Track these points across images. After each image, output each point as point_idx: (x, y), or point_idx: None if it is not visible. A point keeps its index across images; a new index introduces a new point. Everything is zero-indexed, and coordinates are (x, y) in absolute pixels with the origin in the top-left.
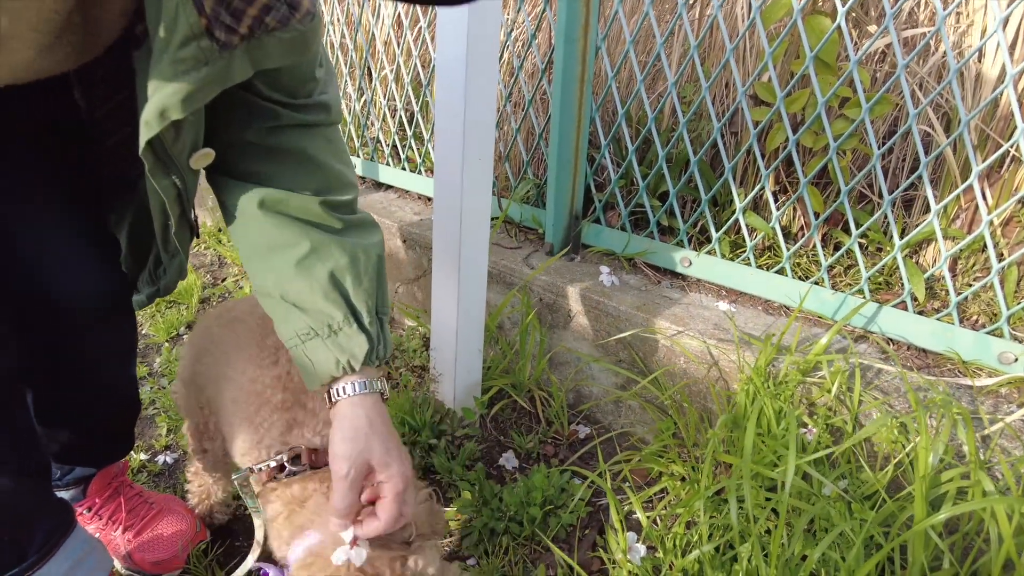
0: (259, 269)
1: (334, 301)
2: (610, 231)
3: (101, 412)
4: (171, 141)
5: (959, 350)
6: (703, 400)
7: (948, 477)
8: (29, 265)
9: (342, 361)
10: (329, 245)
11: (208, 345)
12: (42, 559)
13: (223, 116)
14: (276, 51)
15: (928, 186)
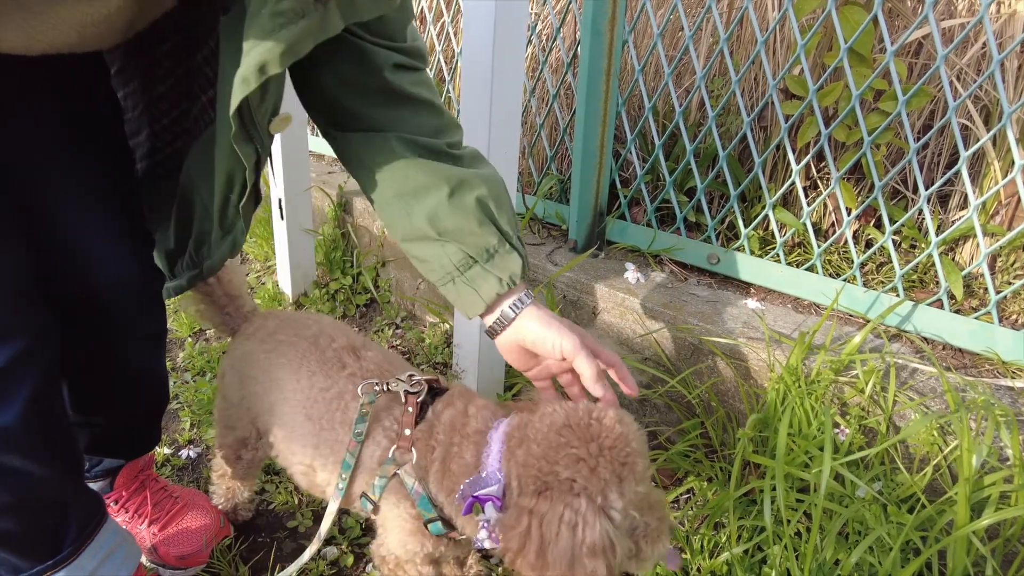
0: (408, 212)
1: (487, 227)
2: (635, 227)
3: (131, 403)
4: (256, 104)
5: (998, 350)
6: (731, 400)
7: (991, 481)
8: (66, 256)
9: (504, 279)
10: (468, 177)
11: (255, 372)
12: (76, 551)
13: (338, 66)
14: (364, 3)
15: (967, 180)
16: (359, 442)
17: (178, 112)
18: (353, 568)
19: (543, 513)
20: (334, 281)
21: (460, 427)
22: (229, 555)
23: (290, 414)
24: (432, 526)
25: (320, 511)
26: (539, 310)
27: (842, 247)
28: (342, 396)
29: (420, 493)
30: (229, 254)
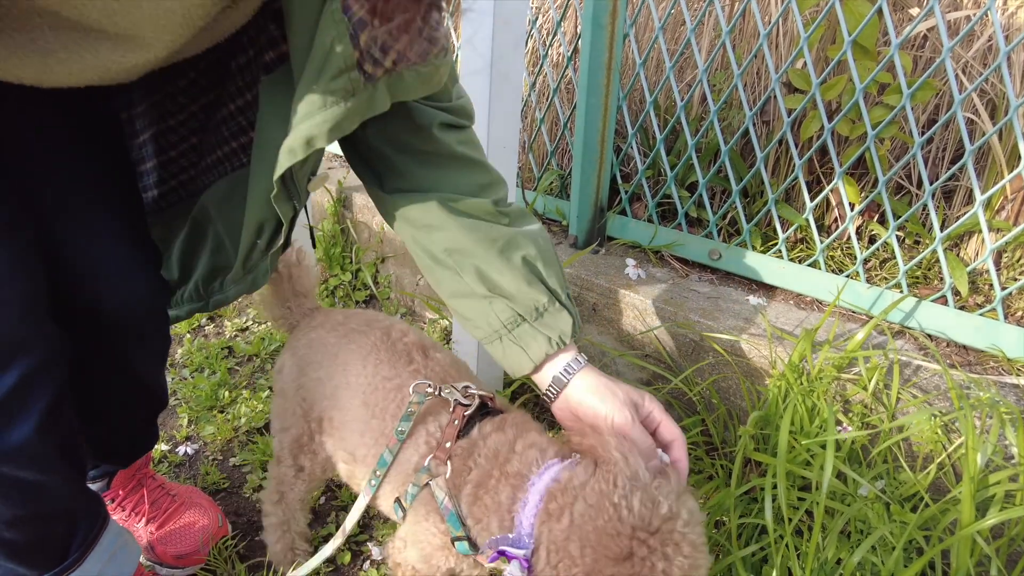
0: (458, 270)
1: (535, 286)
2: (636, 223)
3: (132, 412)
4: (298, 168)
5: (1004, 347)
6: (732, 397)
7: (996, 480)
8: (74, 272)
9: (553, 338)
10: (515, 236)
11: (321, 358)
12: (82, 556)
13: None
14: (413, 84)
15: (973, 174)
16: (400, 440)
17: (187, 146)
18: (350, 566)
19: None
20: (333, 277)
21: (503, 461)
22: (226, 554)
23: (349, 399)
24: (459, 545)
25: (318, 509)
26: (593, 377)
27: (845, 243)
28: (401, 389)
29: (450, 509)
30: (247, 291)
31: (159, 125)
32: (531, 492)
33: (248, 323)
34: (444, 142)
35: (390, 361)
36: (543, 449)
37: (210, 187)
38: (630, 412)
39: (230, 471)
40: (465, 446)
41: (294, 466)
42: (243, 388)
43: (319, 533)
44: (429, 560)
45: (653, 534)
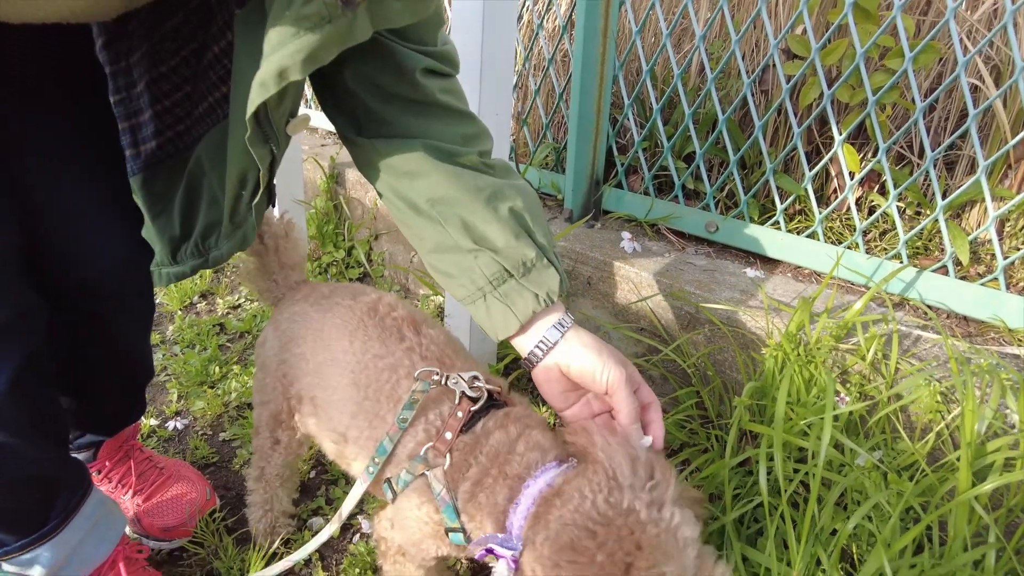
0: (443, 220)
1: (523, 239)
2: (632, 196)
3: (116, 380)
4: (274, 106)
5: (1005, 317)
6: (728, 370)
7: (995, 447)
8: (51, 237)
9: (541, 296)
10: (502, 186)
11: (304, 332)
12: (62, 523)
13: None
14: (397, 10)
15: (976, 140)
16: (401, 428)
17: (181, 95)
18: (340, 539)
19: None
20: (326, 255)
21: (503, 462)
22: (214, 526)
23: (336, 377)
24: (453, 536)
25: (306, 483)
26: (586, 335)
27: (844, 214)
28: (395, 369)
29: (447, 502)
30: (239, 247)
31: (152, 72)
32: (524, 495)
33: (240, 300)
34: (427, 89)
35: (380, 338)
36: (544, 450)
37: (203, 138)
38: (623, 370)
39: (220, 445)
40: (468, 441)
41: (271, 438)
42: (234, 364)
43: (308, 506)
44: (419, 545)
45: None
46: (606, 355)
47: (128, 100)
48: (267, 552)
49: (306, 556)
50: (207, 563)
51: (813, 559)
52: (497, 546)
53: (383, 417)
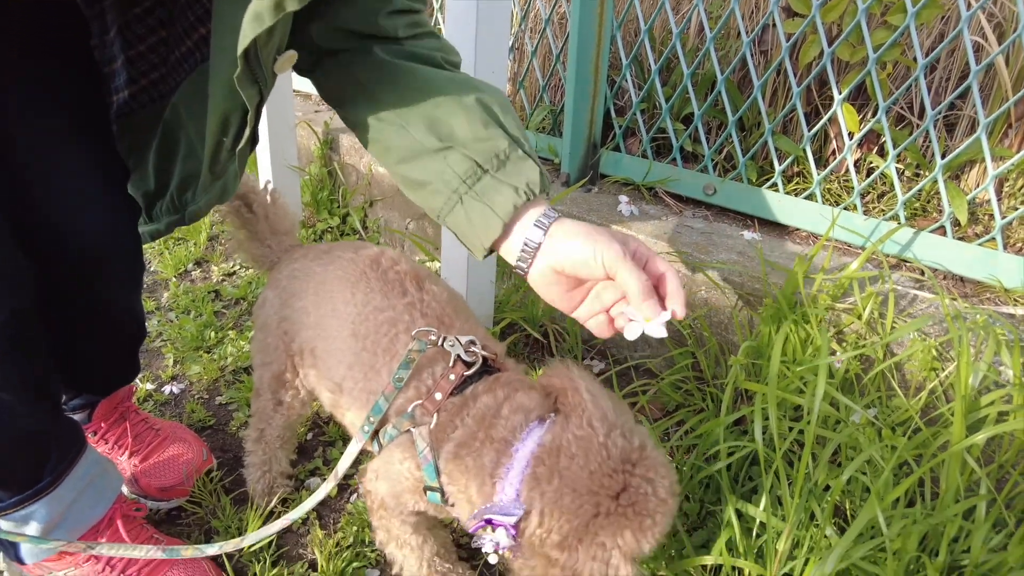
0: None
1: (493, 130)
2: (630, 159)
3: (107, 341)
4: (264, 42)
5: (1001, 277)
6: (724, 332)
7: (988, 400)
8: (37, 196)
9: (521, 187)
10: (467, 79)
11: (306, 287)
12: (56, 481)
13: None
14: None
15: (977, 97)
16: (397, 388)
17: (156, 40)
18: (337, 499)
19: (573, 568)
20: (321, 222)
21: (489, 424)
22: (211, 486)
23: (336, 328)
24: (430, 495)
25: (304, 444)
26: (572, 222)
27: (843, 175)
28: (395, 323)
29: (429, 460)
30: (218, 200)
31: (125, 15)
32: (516, 458)
33: (235, 268)
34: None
35: (382, 291)
36: (528, 411)
37: (180, 86)
38: (620, 246)
39: (216, 409)
40: (457, 403)
41: (273, 399)
42: (229, 329)
43: (305, 467)
44: (399, 498)
45: (636, 464)
46: (596, 236)
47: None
48: (264, 511)
49: (303, 515)
50: (205, 522)
51: (807, 514)
52: (496, 515)
53: (378, 370)
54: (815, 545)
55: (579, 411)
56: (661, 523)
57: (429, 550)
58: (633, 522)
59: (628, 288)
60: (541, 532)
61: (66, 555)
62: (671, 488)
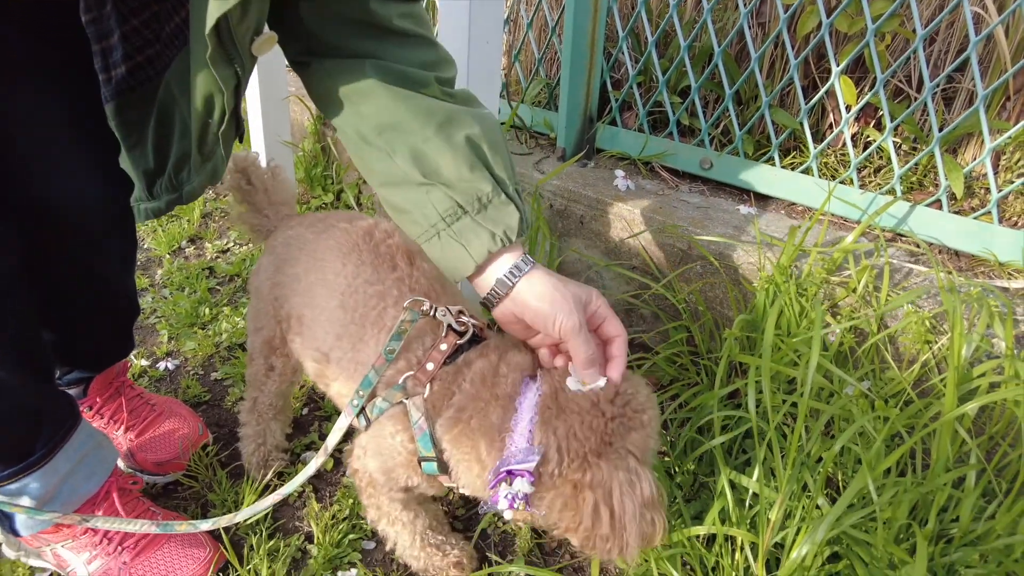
0: (390, 151)
1: (478, 172)
2: (626, 133)
3: (99, 316)
4: (236, 21)
5: (996, 250)
6: (719, 306)
7: (980, 372)
8: (28, 169)
9: (498, 233)
10: (458, 113)
11: (296, 254)
12: (49, 453)
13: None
14: None
15: (976, 68)
16: (388, 360)
17: (148, 15)
18: (332, 472)
19: (603, 482)
20: (315, 199)
21: (490, 385)
22: (207, 460)
23: (324, 297)
24: (426, 465)
25: (299, 419)
26: (540, 279)
27: (840, 150)
28: (383, 297)
29: (424, 430)
30: (210, 181)
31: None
32: (522, 408)
33: (229, 245)
34: (383, 14)
35: (373, 264)
36: (523, 368)
37: (172, 62)
38: (579, 316)
39: (212, 385)
40: (450, 371)
41: (265, 365)
42: (224, 306)
43: (301, 441)
44: (390, 473)
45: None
46: (559, 304)
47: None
48: (260, 484)
49: (296, 488)
50: (201, 496)
51: (799, 485)
52: (515, 466)
53: (366, 342)
54: (807, 515)
55: None
56: (653, 418)
57: (421, 524)
58: (633, 420)
59: (575, 357)
60: (562, 466)
61: (63, 527)
62: (645, 385)
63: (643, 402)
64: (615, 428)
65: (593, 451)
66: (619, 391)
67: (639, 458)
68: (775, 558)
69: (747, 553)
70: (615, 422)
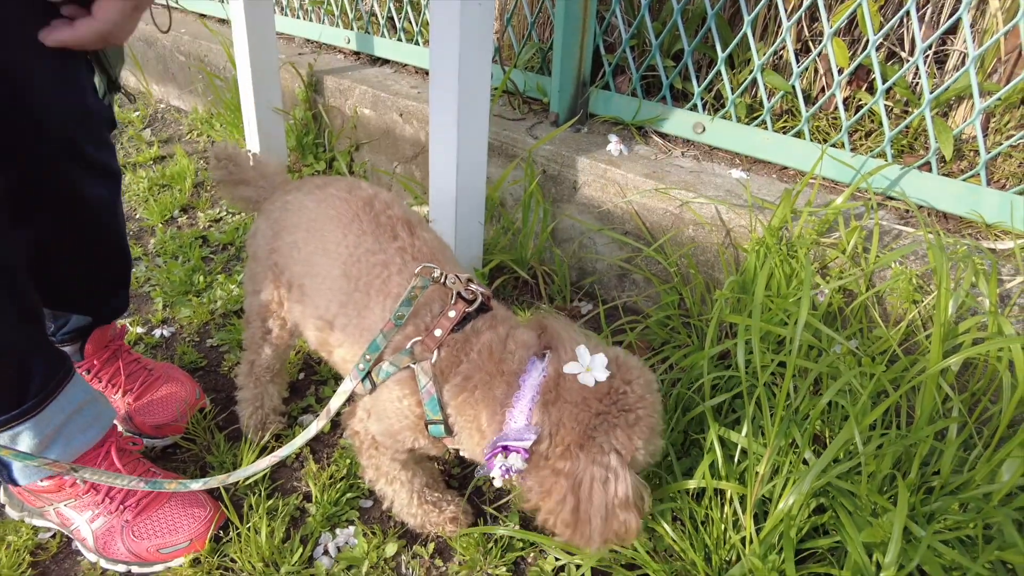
0: None
1: None
2: (620, 97)
3: (90, 249)
4: None
5: (983, 212)
6: (710, 270)
7: (965, 328)
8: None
9: None
10: None
11: (298, 220)
12: (42, 403)
13: None
14: None
15: (967, 29)
16: (398, 325)
17: None
18: (330, 434)
19: (575, 473)
20: (307, 167)
21: (497, 360)
22: (205, 423)
23: (327, 266)
24: (433, 428)
25: (296, 383)
26: None
27: (831, 113)
28: (387, 266)
29: (431, 394)
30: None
31: None
32: (525, 387)
33: (222, 214)
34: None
35: (374, 234)
36: (529, 347)
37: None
38: None
39: (207, 351)
40: (458, 339)
41: (262, 328)
42: (218, 273)
43: (298, 405)
44: (396, 436)
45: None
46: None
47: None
48: (258, 446)
49: (296, 450)
50: (200, 458)
51: (788, 440)
52: (512, 442)
53: (371, 308)
54: (794, 468)
55: (565, 343)
56: (645, 418)
57: (419, 482)
58: (620, 419)
59: None
60: (549, 450)
61: (64, 485)
62: (648, 385)
63: (633, 401)
64: (598, 424)
65: (576, 442)
66: (611, 387)
67: (622, 455)
68: (763, 511)
69: (736, 506)
70: (599, 418)
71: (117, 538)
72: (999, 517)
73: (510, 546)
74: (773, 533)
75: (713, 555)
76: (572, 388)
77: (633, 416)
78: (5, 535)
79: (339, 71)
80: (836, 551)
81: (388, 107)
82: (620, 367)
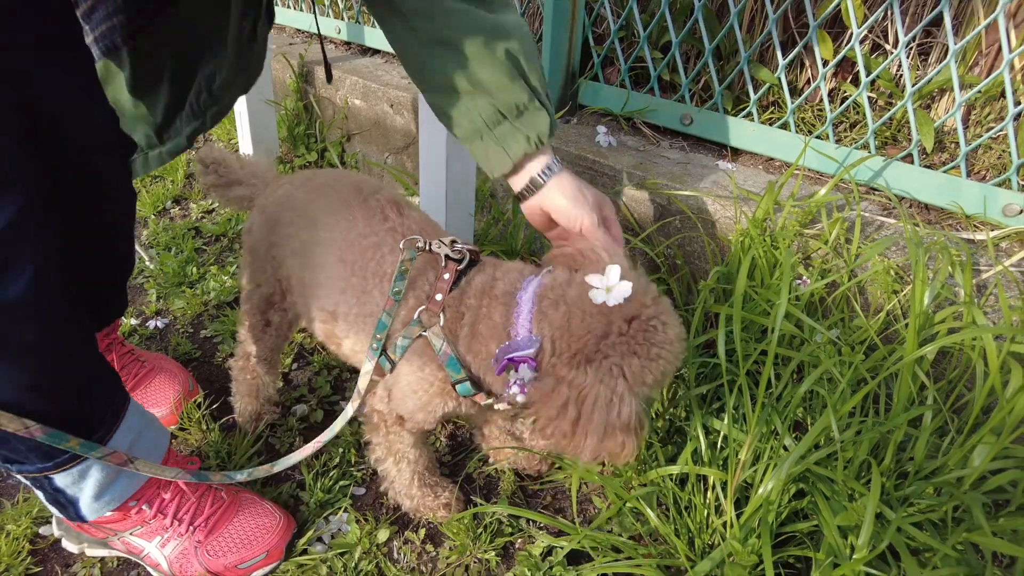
0: (445, 60)
1: (517, 83)
2: (609, 88)
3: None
4: None
5: (963, 203)
6: (697, 260)
7: (940, 318)
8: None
9: (532, 138)
10: (499, 26)
11: (290, 214)
12: (109, 432)
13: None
14: None
15: (948, 23)
16: (397, 300)
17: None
18: (324, 424)
19: (581, 386)
20: (299, 157)
21: (489, 290)
22: (198, 414)
23: (322, 255)
24: (461, 387)
25: (288, 374)
26: (568, 181)
27: (817, 105)
28: (379, 247)
29: (449, 354)
30: (242, 91)
31: None
32: (522, 301)
33: (214, 205)
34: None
35: (365, 218)
36: (520, 270)
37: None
38: (597, 215)
39: (201, 342)
40: (456, 296)
41: (262, 320)
42: (211, 265)
43: (291, 395)
44: (427, 407)
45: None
46: (580, 201)
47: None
48: (252, 437)
49: (334, 436)
50: (195, 449)
51: (769, 428)
52: (514, 353)
53: (371, 292)
54: (775, 455)
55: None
56: (668, 359)
57: (422, 464)
58: (643, 348)
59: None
60: (555, 359)
61: (129, 513)
62: (680, 336)
63: (661, 340)
64: (617, 343)
65: (585, 351)
66: (642, 315)
67: (630, 383)
68: (744, 497)
69: (718, 492)
70: (621, 338)
71: (192, 559)
72: (968, 500)
73: (499, 531)
74: (753, 518)
75: (696, 539)
76: (581, 296)
77: (655, 351)
78: (4, 524)
79: (330, 61)
80: (814, 535)
81: (379, 98)
82: (659, 306)
